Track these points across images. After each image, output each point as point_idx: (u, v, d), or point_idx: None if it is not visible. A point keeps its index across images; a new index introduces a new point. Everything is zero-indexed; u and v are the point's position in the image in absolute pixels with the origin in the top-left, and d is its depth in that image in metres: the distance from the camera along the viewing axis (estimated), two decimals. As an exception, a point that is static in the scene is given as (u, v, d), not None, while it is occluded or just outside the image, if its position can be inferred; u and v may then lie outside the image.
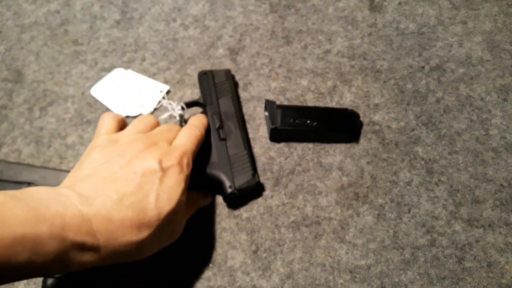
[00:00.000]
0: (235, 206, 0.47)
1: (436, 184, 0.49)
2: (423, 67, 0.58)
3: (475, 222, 0.47)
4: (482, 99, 0.56)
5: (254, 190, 0.47)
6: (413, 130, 0.53)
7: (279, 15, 0.62)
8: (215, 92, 0.50)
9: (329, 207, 0.47)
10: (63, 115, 0.53)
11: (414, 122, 0.53)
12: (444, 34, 0.61)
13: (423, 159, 0.51)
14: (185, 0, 0.64)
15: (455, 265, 0.45)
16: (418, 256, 0.45)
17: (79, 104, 0.54)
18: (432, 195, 0.48)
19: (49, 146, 0.51)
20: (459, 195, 0.49)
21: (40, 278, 0.42)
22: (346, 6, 0.64)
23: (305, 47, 0.59)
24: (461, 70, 0.58)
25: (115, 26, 0.61)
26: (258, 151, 0.50)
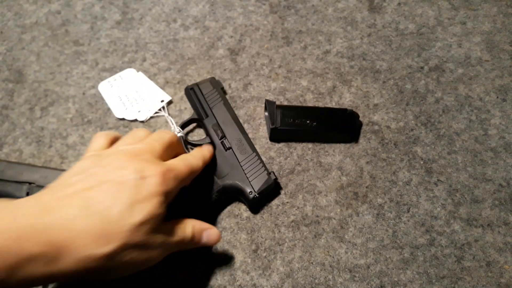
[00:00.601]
0: (258, 210, 0.47)
1: (435, 184, 0.49)
2: (422, 68, 0.58)
3: (474, 222, 0.47)
4: (481, 99, 0.56)
5: (273, 189, 0.47)
6: (412, 130, 0.53)
7: (279, 15, 0.63)
8: (207, 104, 0.50)
9: (328, 207, 0.47)
10: (64, 115, 0.53)
11: (413, 122, 0.54)
12: (443, 35, 0.61)
13: (422, 159, 0.51)
14: (185, 1, 0.64)
15: (454, 264, 0.45)
16: (417, 256, 0.45)
17: (80, 104, 0.54)
18: (431, 195, 0.49)
19: (50, 146, 0.51)
20: (458, 194, 0.49)
21: None
22: (346, 6, 0.64)
23: (304, 47, 0.59)
24: (460, 71, 0.58)
25: (116, 26, 0.61)
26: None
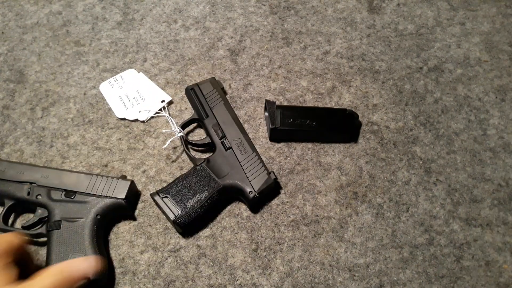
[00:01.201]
0: (258, 209, 0.47)
1: (434, 183, 0.50)
2: (421, 68, 0.58)
3: (473, 221, 0.47)
4: (480, 99, 0.56)
5: (273, 188, 0.48)
6: (411, 130, 0.53)
7: (279, 16, 0.63)
8: (207, 104, 0.51)
9: (328, 206, 0.48)
10: (65, 115, 0.54)
11: (412, 122, 0.54)
12: (442, 35, 0.62)
13: (421, 159, 0.51)
14: (186, 2, 0.64)
15: (453, 264, 0.45)
16: (417, 255, 0.45)
17: (81, 105, 0.54)
18: (430, 195, 0.49)
19: (51, 146, 0.51)
20: (457, 194, 0.49)
21: None
22: (345, 7, 0.64)
23: (304, 48, 0.60)
24: (459, 71, 0.58)
25: (117, 27, 0.61)
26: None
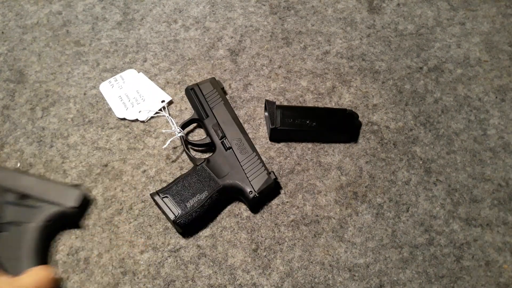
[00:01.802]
0: (258, 209, 0.47)
1: (434, 183, 0.50)
2: (421, 68, 0.58)
3: (473, 221, 0.47)
4: (480, 99, 0.56)
5: (273, 188, 0.48)
6: (411, 130, 0.53)
7: (279, 16, 0.63)
8: (207, 104, 0.51)
9: (328, 206, 0.48)
10: (65, 115, 0.54)
11: (412, 122, 0.54)
12: (442, 35, 0.62)
13: (421, 159, 0.51)
14: (186, 2, 0.64)
15: (453, 264, 0.45)
16: (417, 255, 0.45)
17: (81, 105, 0.54)
18: (430, 195, 0.49)
19: (51, 146, 0.51)
20: (457, 194, 0.49)
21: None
22: (345, 7, 0.64)
23: (304, 48, 0.60)
24: (459, 71, 0.58)
25: (117, 27, 0.61)
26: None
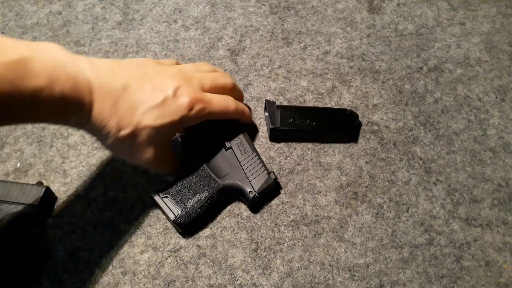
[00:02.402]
0: (258, 209, 0.47)
1: (434, 183, 0.50)
2: (421, 68, 0.58)
3: (473, 221, 0.47)
4: (480, 99, 0.56)
5: (273, 188, 0.48)
6: (411, 130, 0.53)
7: (279, 16, 0.63)
8: None
9: (328, 206, 0.48)
10: (65, 115, 0.54)
11: (412, 122, 0.54)
12: (442, 35, 0.62)
13: (421, 159, 0.51)
14: (186, 2, 0.64)
15: (453, 264, 0.45)
16: (417, 255, 0.45)
17: (81, 105, 0.54)
18: (430, 195, 0.49)
19: (51, 146, 0.51)
20: (457, 194, 0.49)
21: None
22: (345, 7, 0.64)
23: (304, 48, 0.60)
24: (459, 71, 0.58)
25: (117, 27, 0.61)
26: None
